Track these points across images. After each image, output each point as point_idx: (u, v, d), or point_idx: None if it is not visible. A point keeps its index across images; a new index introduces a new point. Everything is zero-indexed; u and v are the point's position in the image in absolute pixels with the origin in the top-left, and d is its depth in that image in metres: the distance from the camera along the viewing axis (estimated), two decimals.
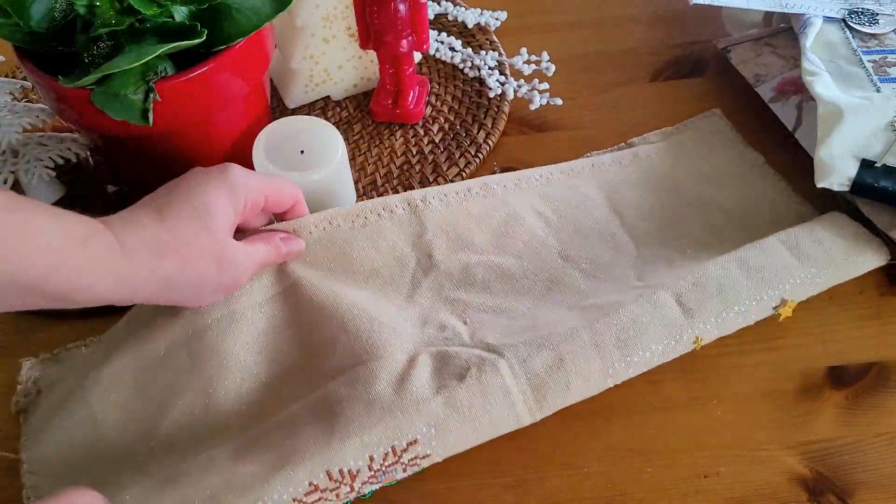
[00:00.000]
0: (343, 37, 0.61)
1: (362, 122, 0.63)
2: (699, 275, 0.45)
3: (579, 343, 0.42)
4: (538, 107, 0.63)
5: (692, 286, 0.45)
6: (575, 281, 0.49)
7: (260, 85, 0.55)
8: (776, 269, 0.46)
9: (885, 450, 0.43)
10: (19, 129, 0.54)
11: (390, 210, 0.50)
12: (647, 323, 0.43)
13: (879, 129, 0.51)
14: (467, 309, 0.47)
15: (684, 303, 0.44)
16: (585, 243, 0.51)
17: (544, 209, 0.53)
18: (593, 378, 0.42)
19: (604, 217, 0.53)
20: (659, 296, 0.44)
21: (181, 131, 0.51)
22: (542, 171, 0.55)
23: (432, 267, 0.49)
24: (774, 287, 0.46)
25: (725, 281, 0.45)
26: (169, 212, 0.40)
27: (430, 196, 0.51)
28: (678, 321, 0.44)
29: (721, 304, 0.45)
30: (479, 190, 0.52)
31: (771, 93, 0.59)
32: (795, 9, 0.61)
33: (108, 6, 0.45)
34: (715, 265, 0.46)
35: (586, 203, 0.54)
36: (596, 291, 0.48)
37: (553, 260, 0.50)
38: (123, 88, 0.45)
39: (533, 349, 0.42)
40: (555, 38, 0.70)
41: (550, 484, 0.43)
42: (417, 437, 0.39)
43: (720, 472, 0.43)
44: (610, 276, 0.49)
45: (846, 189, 0.50)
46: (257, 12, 0.48)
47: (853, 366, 0.47)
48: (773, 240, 0.48)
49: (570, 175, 0.55)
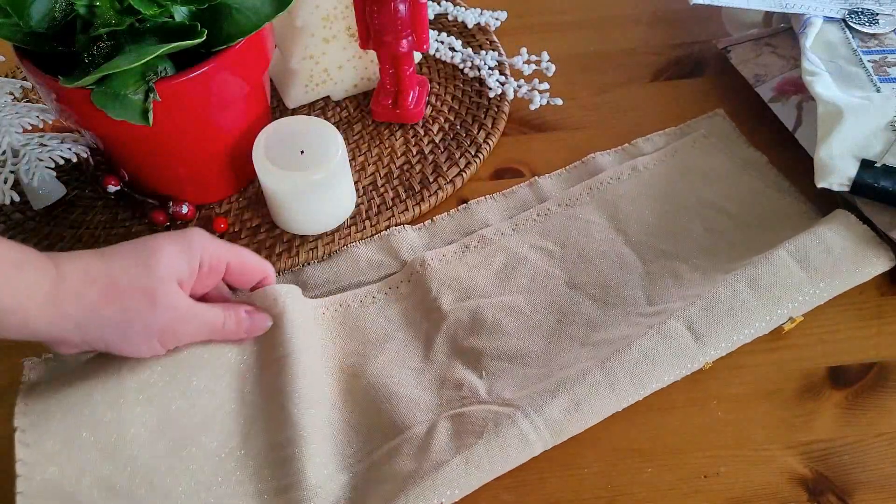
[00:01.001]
0: (343, 37, 0.61)
1: (362, 122, 0.63)
2: (709, 298, 0.45)
3: (593, 383, 0.43)
4: (538, 107, 0.63)
5: (702, 311, 0.45)
6: (585, 309, 0.49)
7: (260, 85, 0.55)
8: (786, 287, 0.46)
9: (885, 450, 0.43)
10: (19, 129, 0.54)
11: (395, 287, 0.51)
12: (658, 355, 0.44)
13: (879, 129, 0.51)
14: (482, 358, 0.47)
15: (695, 329, 0.45)
16: (592, 268, 0.51)
17: (545, 244, 0.53)
18: (608, 412, 0.43)
19: (607, 238, 0.53)
20: (670, 326, 0.45)
21: (181, 131, 0.51)
22: (538, 208, 0.55)
23: (443, 319, 0.49)
24: (784, 305, 0.46)
25: (735, 303, 0.45)
26: (112, 250, 0.40)
27: (429, 259, 0.51)
28: (690, 349, 0.44)
29: (732, 327, 0.45)
30: (476, 244, 0.53)
31: (771, 93, 0.59)
32: (795, 9, 0.61)
33: (108, 6, 0.45)
34: (725, 286, 0.46)
35: (588, 228, 0.53)
36: (606, 322, 0.48)
37: (561, 290, 0.50)
38: (123, 88, 0.45)
39: (548, 396, 0.42)
40: (555, 38, 0.70)
41: (550, 484, 0.43)
42: (442, 500, 0.40)
43: (720, 472, 0.43)
44: (620, 300, 0.49)
45: (846, 189, 0.50)
46: (257, 12, 0.48)
47: (853, 366, 0.47)
48: (783, 253, 0.47)
49: (569, 205, 0.55)
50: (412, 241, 0.54)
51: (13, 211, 0.58)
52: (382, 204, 0.57)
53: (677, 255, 0.51)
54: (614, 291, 0.49)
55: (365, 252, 0.54)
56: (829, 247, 0.48)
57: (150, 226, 0.56)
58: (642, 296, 0.49)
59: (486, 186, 0.59)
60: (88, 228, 0.57)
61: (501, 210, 0.56)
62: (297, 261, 0.53)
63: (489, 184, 0.59)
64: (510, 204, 0.56)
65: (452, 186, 0.58)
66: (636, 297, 0.49)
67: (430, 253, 0.52)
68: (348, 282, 0.52)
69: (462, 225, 0.55)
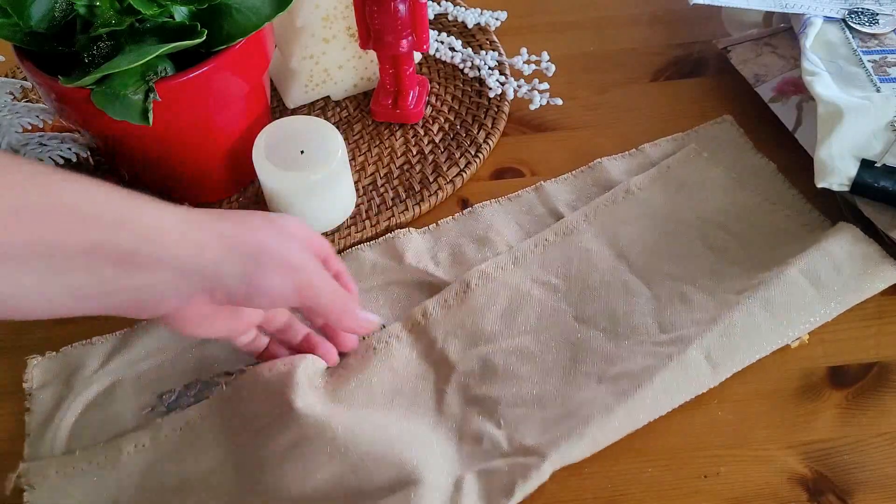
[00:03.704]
0: (343, 37, 0.61)
1: (362, 122, 0.63)
2: (726, 323, 0.45)
3: (616, 424, 0.42)
4: (538, 107, 0.63)
5: (720, 337, 0.45)
6: (597, 343, 0.47)
7: (260, 85, 0.55)
8: (799, 308, 0.46)
9: (886, 450, 0.43)
10: (19, 129, 0.54)
11: (396, 336, 0.48)
12: (678, 387, 0.44)
13: (879, 129, 0.51)
14: (498, 406, 0.45)
15: (713, 358, 0.44)
16: (598, 299, 0.49)
17: (548, 277, 0.51)
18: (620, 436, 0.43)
19: (610, 266, 0.51)
20: (689, 355, 0.44)
21: (181, 131, 0.51)
22: (536, 238, 0.53)
23: (452, 370, 0.47)
24: (796, 327, 0.46)
25: (750, 327, 0.45)
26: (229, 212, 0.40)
27: (430, 308, 0.49)
28: (706, 377, 0.44)
29: (746, 351, 0.45)
30: (476, 281, 0.50)
31: (771, 93, 0.59)
32: (795, 9, 0.61)
33: (108, 6, 0.45)
34: (740, 310, 0.45)
35: (589, 257, 0.52)
36: (621, 355, 0.46)
37: (570, 325, 0.48)
38: (123, 88, 0.45)
39: (574, 442, 0.42)
40: (555, 38, 0.70)
41: (550, 484, 0.42)
42: None
43: (720, 472, 0.43)
44: (631, 330, 0.48)
45: (846, 189, 0.50)
46: (257, 12, 0.48)
47: (853, 366, 0.47)
48: (795, 272, 0.47)
49: (566, 233, 0.53)
50: (417, 245, 0.53)
51: None
52: (382, 204, 0.57)
53: (682, 277, 0.50)
54: (624, 321, 0.48)
55: (369, 255, 0.53)
56: (838, 264, 0.47)
57: None
58: (653, 323, 0.48)
59: (486, 186, 0.59)
60: None
61: (506, 214, 0.55)
62: None
63: (489, 184, 0.59)
64: (515, 208, 0.56)
65: (452, 186, 0.58)
66: (647, 325, 0.48)
67: (431, 302, 0.49)
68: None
69: (467, 228, 0.54)
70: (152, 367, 0.48)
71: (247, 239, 0.37)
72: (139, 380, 0.48)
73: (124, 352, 0.49)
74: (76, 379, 0.48)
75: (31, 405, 0.47)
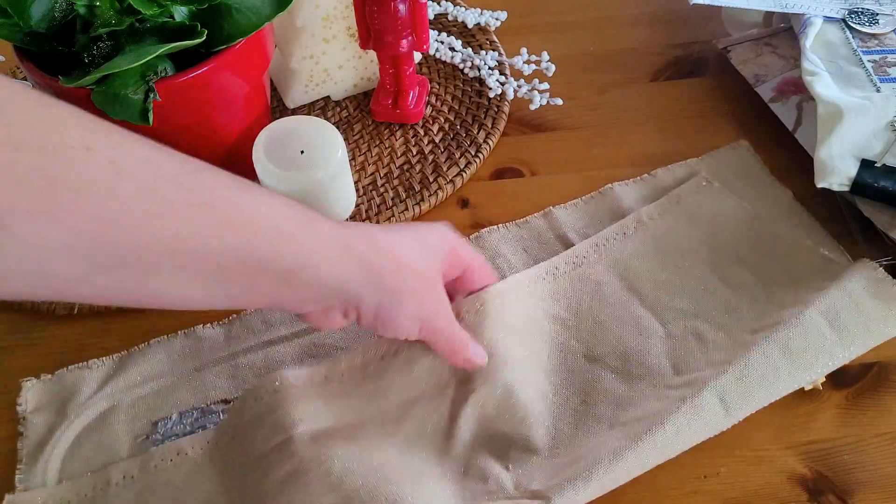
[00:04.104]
0: (343, 37, 0.61)
1: (362, 122, 0.63)
2: (742, 366, 0.43)
3: (625, 467, 0.41)
4: (538, 107, 0.63)
5: (735, 381, 0.43)
6: (609, 384, 0.46)
7: (260, 85, 0.55)
8: (818, 351, 0.44)
9: (886, 450, 0.43)
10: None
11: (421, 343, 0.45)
12: (690, 430, 0.42)
13: (879, 129, 0.51)
14: (510, 449, 0.43)
15: (727, 401, 0.42)
16: (609, 336, 0.48)
17: (558, 311, 0.49)
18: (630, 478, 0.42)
19: (622, 301, 0.49)
20: (703, 399, 0.42)
21: (181, 131, 0.51)
22: (547, 265, 0.51)
23: (471, 391, 0.44)
24: (814, 371, 0.44)
25: (767, 370, 0.43)
26: (394, 227, 0.41)
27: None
28: (719, 421, 0.42)
29: (762, 397, 0.43)
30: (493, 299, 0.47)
31: (771, 93, 0.59)
32: (795, 9, 0.61)
33: (108, 6, 0.45)
34: (757, 353, 0.44)
35: (600, 290, 0.50)
36: (633, 399, 0.45)
37: (580, 365, 0.47)
38: (123, 88, 0.45)
39: (580, 486, 0.40)
40: (555, 38, 0.70)
41: None
42: None
43: (720, 472, 0.43)
44: (644, 371, 0.46)
45: (846, 189, 0.50)
46: (257, 12, 0.48)
47: (853, 366, 0.47)
48: (814, 313, 0.45)
49: (576, 264, 0.51)
50: None
51: None
52: (382, 204, 0.57)
53: (697, 314, 0.48)
54: (636, 360, 0.46)
55: None
56: (859, 305, 0.45)
57: None
58: (667, 364, 0.46)
59: (487, 186, 0.59)
60: None
61: (514, 240, 0.54)
62: None
63: (489, 184, 0.59)
64: (523, 234, 0.55)
65: (452, 186, 0.58)
66: (661, 365, 0.46)
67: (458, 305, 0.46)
68: None
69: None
70: (149, 393, 0.47)
71: (387, 277, 0.39)
72: (134, 406, 0.47)
73: (121, 376, 0.48)
74: (71, 404, 0.47)
75: (25, 429, 0.46)
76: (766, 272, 0.50)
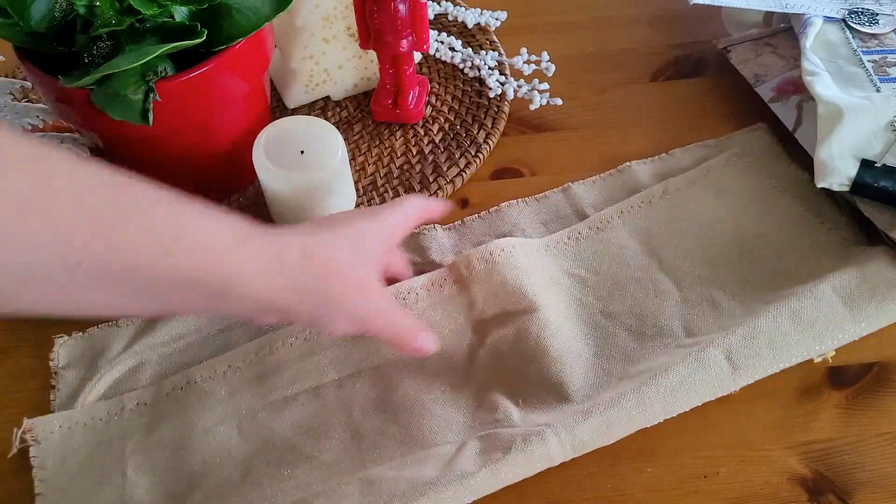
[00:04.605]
0: (343, 37, 0.61)
1: (362, 122, 0.63)
2: (750, 327, 0.44)
3: (626, 408, 0.42)
4: (538, 107, 0.63)
5: (742, 340, 0.44)
6: (621, 341, 0.47)
7: (260, 85, 0.55)
8: (828, 323, 0.45)
9: (885, 450, 0.43)
10: (19, 130, 0.54)
11: (440, 285, 0.50)
12: (694, 383, 0.43)
13: (879, 129, 0.51)
14: (523, 384, 0.46)
15: (733, 359, 0.43)
16: (627, 296, 0.50)
17: (578, 270, 0.51)
18: (634, 429, 0.43)
19: (641, 264, 0.51)
20: (709, 354, 0.43)
21: (181, 131, 0.51)
22: (569, 230, 0.53)
23: (488, 333, 0.48)
24: (824, 342, 0.45)
25: (776, 335, 0.44)
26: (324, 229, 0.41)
27: (474, 261, 0.50)
28: (726, 378, 0.43)
29: (770, 359, 0.44)
30: (511, 249, 0.50)
31: (771, 93, 0.59)
32: (795, 9, 0.61)
33: (108, 6, 0.45)
34: (766, 317, 0.45)
35: (621, 253, 0.52)
36: (644, 355, 0.46)
37: (596, 319, 0.49)
38: (123, 88, 0.45)
39: (580, 418, 0.42)
40: (555, 38, 0.70)
41: (551, 484, 0.43)
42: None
43: (720, 472, 0.43)
44: (657, 331, 0.48)
45: (846, 189, 0.50)
46: (257, 12, 0.48)
47: (853, 366, 0.47)
48: (827, 287, 0.46)
49: (600, 228, 0.53)
50: (441, 241, 0.54)
51: None
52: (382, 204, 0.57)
53: (714, 282, 0.50)
54: (650, 321, 0.48)
55: None
56: (874, 284, 0.46)
57: None
58: (679, 326, 0.48)
59: (487, 186, 0.59)
60: None
61: (532, 214, 0.55)
62: None
63: (489, 184, 0.59)
64: (542, 208, 0.56)
65: (452, 186, 0.58)
66: (673, 327, 0.48)
67: (474, 255, 0.50)
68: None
69: (493, 227, 0.54)
70: (176, 351, 0.49)
71: (318, 287, 0.39)
72: (161, 363, 0.49)
73: (149, 334, 0.49)
74: (101, 360, 0.48)
75: (57, 383, 0.48)
76: (788, 250, 0.51)
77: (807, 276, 0.48)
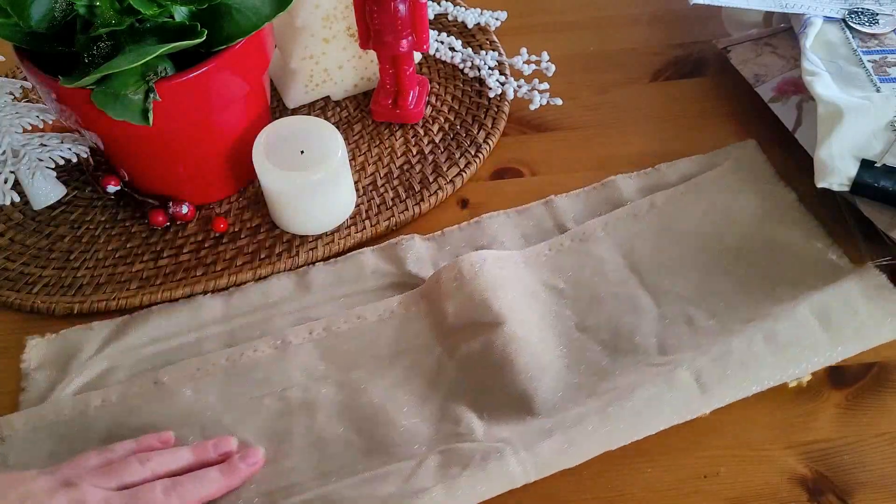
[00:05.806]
0: (343, 37, 0.61)
1: (362, 122, 0.63)
2: (722, 349, 0.44)
3: (590, 430, 0.42)
4: (538, 107, 0.63)
5: (713, 362, 0.43)
6: (593, 356, 0.47)
7: (260, 85, 0.55)
8: (804, 347, 0.44)
9: (885, 450, 0.43)
10: (19, 129, 0.54)
11: (415, 304, 0.50)
12: (661, 404, 0.42)
13: (879, 129, 0.51)
14: (487, 396, 0.45)
15: (703, 381, 0.43)
16: (604, 310, 0.49)
17: (557, 282, 0.50)
18: (598, 452, 0.42)
19: (621, 279, 0.50)
20: (678, 375, 0.43)
21: (181, 131, 0.51)
22: (551, 242, 0.53)
23: (456, 346, 0.47)
24: (799, 365, 0.44)
25: (749, 357, 0.44)
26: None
27: (444, 276, 0.49)
28: (694, 401, 0.43)
29: (740, 381, 0.43)
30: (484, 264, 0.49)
31: (771, 93, 0.59)
32: (795, 9, 0.61)
33: (108, 6, 0.45)
34: (740, 338, 0.44)
35: (602, 266, 0.51)
36: (614, 370, 0.46)
37: (570, 333, 0.48)
38: (123, 88, 0.45)
39: (543, 435, 0.41)
40: (555, 38, 0.70)
41: (550, 484, 0.43)
42: None
43: (720, 472, 0.43)
44: (631, 348, 0.47)
45: (846, 189, 0.50)
46: (257, 12, 0.48)
47: (853, 366, 0.47)
48: (806, 311, 0.45)
49: (582, 240, 0.52)
50: (419, 252, 0.53)
51: (13, 211, 0.58)
52: (382, 204, 0.57)
53: (693, 300, 0.49)
54: (626, 337, 0.47)
55: (370, 260, 0.53)
56: (855, 308, 0.46)
57: (150, 226, 0.56)
58: (654, 343, 0.47)
59: (487, 186, 0.59)
60: (88, 228, 0.57)
61: (513, 226, 0.54)
62: (297, 261, 0.53)
63: (489, 184, 0.59)
64: (523, 220, 0.55)
65: (452, 186, 0.58)
66: (647, 344, 0.47)
67: (447, 269, 0.50)
68: (351, 289, 0.51)
69: (473, 238, 0.54)
70: (148, 356, 0.49)
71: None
72: (134, 368, 0.48)
73: (122, 338, 0.49)
74: (73, 363, 0.48)
75: (27, 385, 0.47)
76: (770, 270, 0.50)
77: (788, 298, 0.47)
